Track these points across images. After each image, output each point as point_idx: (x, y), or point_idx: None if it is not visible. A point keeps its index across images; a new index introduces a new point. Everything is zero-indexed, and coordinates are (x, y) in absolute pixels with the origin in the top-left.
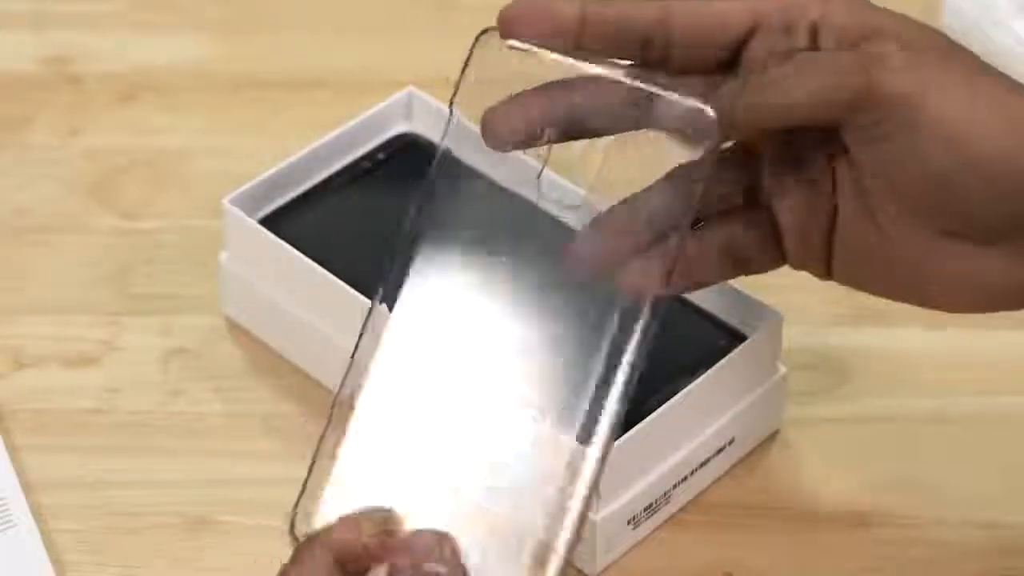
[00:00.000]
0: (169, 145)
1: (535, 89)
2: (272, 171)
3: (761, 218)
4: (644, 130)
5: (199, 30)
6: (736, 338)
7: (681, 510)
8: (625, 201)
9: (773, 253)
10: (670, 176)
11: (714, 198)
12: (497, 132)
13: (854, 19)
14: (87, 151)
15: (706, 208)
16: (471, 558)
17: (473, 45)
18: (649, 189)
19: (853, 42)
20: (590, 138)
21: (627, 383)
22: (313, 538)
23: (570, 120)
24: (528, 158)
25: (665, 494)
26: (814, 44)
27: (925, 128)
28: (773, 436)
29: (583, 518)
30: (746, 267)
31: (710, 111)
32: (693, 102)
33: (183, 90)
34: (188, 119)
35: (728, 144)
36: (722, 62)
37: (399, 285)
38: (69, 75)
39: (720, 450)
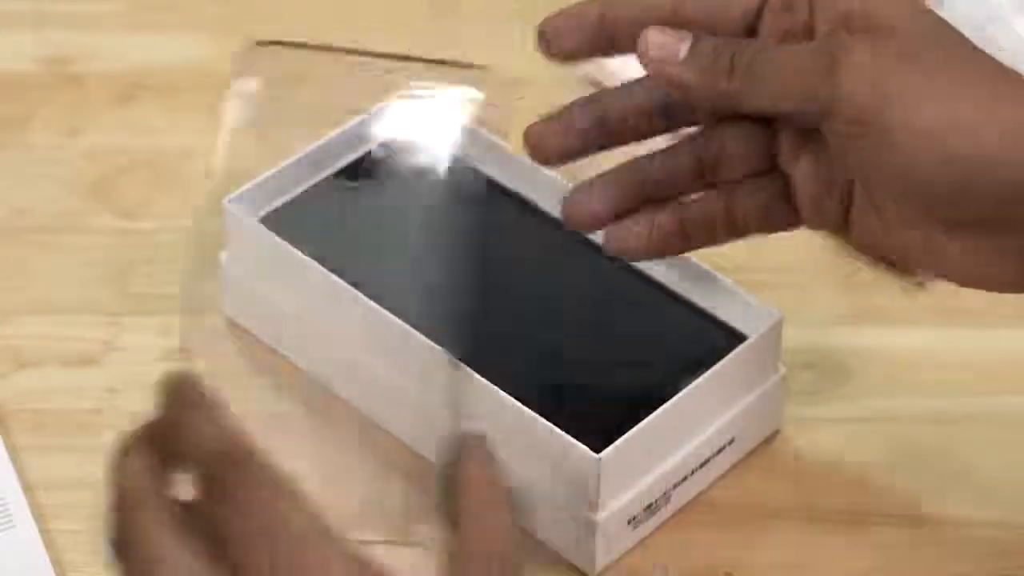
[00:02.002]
0: (169, 145)
1: (573, 104)
2: (272, 171)
3: (774, 184)
4: None
5: (199, 30)
6: (736, 338)
7: (681, 510)
8: (625, 164)
9: (779, 218)
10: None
11: (736, 161)
12: (544, 150)
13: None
14: (87, 151)
15: (726, 171)
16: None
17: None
18: (650, 154)
19: (842, 25)
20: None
21: None
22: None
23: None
24: None
25: (665, 494)
26: (812, 19)
27: (886, 132)
28: (773, 436)
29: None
30: (745, 231)
31: None
32: None
33: (183, 90)
34: (188, 119)
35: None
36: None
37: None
38: (69, 75)
39: (720, 450)
